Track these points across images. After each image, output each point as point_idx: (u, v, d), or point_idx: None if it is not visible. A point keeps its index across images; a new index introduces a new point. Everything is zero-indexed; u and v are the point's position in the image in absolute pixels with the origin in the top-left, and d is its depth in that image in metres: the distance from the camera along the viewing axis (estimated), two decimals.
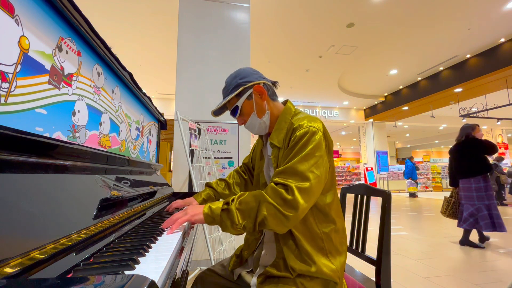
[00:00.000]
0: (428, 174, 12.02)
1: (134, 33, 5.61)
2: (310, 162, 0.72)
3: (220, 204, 0.72)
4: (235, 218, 0.69)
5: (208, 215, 0.72)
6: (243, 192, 0.74)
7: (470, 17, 5.35)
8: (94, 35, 0.86)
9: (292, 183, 0.69)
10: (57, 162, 0.60)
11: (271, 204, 0.68)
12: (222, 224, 0.71)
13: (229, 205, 0.71)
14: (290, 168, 0.72)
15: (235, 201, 0.72)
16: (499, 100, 8.26)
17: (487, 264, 2.43)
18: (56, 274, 0.40)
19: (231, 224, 0.69)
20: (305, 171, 0.70)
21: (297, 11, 5.03)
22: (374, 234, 1.34)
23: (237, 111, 0.87)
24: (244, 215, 0.69)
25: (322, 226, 0.77)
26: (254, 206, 0.70)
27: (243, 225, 0.69)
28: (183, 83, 2.56)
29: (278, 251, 0.78)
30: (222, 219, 0.70)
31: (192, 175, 1.99)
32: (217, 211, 0.71)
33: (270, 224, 0.68)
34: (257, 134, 0.92)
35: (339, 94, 9.85)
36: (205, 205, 0.74)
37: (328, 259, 0.76)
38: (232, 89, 0.85)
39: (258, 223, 0.69)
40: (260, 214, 0.68)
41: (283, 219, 0.68)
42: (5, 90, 0.55)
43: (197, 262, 2.34)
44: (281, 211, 0.68)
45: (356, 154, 23.29)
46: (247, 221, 0.69)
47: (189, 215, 0.73)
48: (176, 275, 0.49)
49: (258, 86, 0.85)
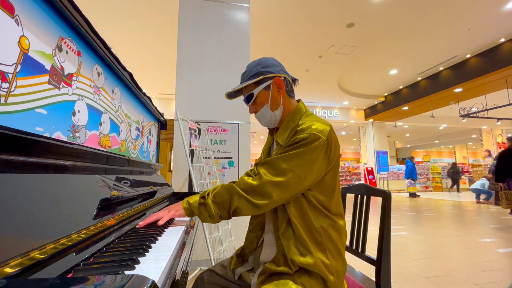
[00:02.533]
0: (428, 174, 12.03)
1: (134, 33, 5.61)
2: (294, 162, 0.74)
3: (197, 198, 0.81)
4: (211, 210, 0.77)
5: (187, 209, 0.80)
6: (217, 186, 0.82)
7: (470, 17, 5.35)
8: (94, 35, 0.86)
9: (266, 176, 0.75)
10: (57, 162, 0.60)
11: (241, 196, 0.75)
12: (201, 216, 0.79)
13: (205, 199, 0.79)
14: (273, 161, 0.77)
15: (210, 195, 0.80)
16: (499, 100, 8.27)
17: (487, 264, 2.43)
18: (56, 274, 0.40)
19: (208, 215, 0.78)
20: (285, 169, 0.74)
21: (297, 11, 5.03)
22: (374, 234, 1.34)
23: (251, 99, 0.86)
24: (219, 206, 0.78)
25: (320, 220, 0.78)
26: (226, 198, 0.77)
27: (219, 215, 0.78)
28: (183, 83, 2.56)
29: (278, 246, 0.79)
30: (200, 211, 0.79)
31: (192, 175, 1.99)
32: (195, 204, 0.80)
33: (243, 211, 0.76)
34: (266, 126, 0.92)
35: (339, 94, 9.85)
36: (183, 201, 0.82)
37: (326, 255, 0.76)
38: (252, 76, 0.84)
39: (231, 212, 0.77)
40: (233, 205, 0.76)
41: (253, 207, 0.75)
42: (5, 90, 0.55)
43: (197, 262, 2.34)
44: (249, 199, 0.74)
45: (356, 154, 23.29)
46: (221, 211, 0.78)
47: (172, 211, 0.81)
48: (176, 275, 0.49)
49: (278, 79, 0.85)
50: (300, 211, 0.77)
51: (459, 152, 21.68)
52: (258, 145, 19.77)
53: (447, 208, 6.47)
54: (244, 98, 0.89)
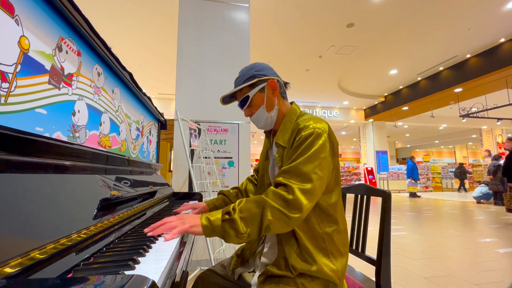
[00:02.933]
0: (428, 174, 12.02)
1: (134, 33, 5.61)
2: (314, 163, 0.72)
3: (219, 215, 0.69)
4: (239, 227, 0.67)
5: (207, 227, 0.68)
6: (241, 200, 0.72)
7: (470, 17, 5.35)
8: (94, 35, 0.86)
9: (294, 184, 0.70)
10: (57, 162, 0.60)
11: (275, 208, 0.68)
12: (226, 235, 0.68)
13: (231, 215, 0.68)
14: (294, 168, 0.72)
15: (236, 210, 0.69)
16: (499, 100, 8.27)
17: (487, 264, 2.43)
18: (56, 274, 0.40)
19: (235, 234, 0.67)
20: (308, 172, 0.71)
21: (297, 12, 5.03)
22: (374, 234, 1.34)
23: (247, 102, 0.87)
24: (247, 222, 0.68)
25: (324, 226, 0.78)
26: (257, 212, 0.68)
27: (248, 233, 0.68)
28: (183, 83, 2.56)
29: (279, 250, 0.78)
30: (225, 229, 0.68)
31: (192, 175, 1.99)
32: (217, 222, 0.68)
33: (275, 228, 0.68)
34: (262, 128, 0.92)
35: (339, 94, 9.85)
36: (201, 216, 0.70)
37: (329, 260, 0.76)
38: (247, 79, 0.85)
39: (263, 229, 0.68)
40: (265, 219, 0.67)
41: (287, 221, 0.68)
42: (5, 90, 0.55)
43: (197, 262, 2.34)
44: (285, 213, 0.67)
45: (356, 154, 23.29)
46: (251, 228, 0.68)
47: (187, 226, 0.68)
48: (176, 275, 0.49)
49: (272, 81, 0.86)
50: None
51: (459, 152, 21.68)
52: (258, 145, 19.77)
53: (447, 208, 6.47)
54: (238, 102, 0.90)
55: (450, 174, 12.53)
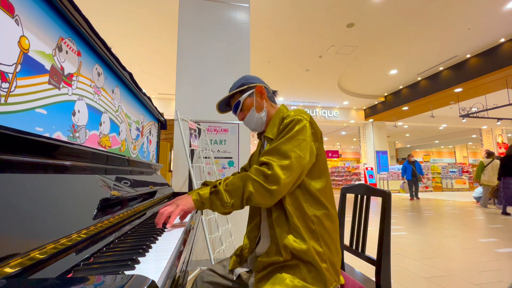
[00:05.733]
0: (428, 174, 12.02)
1: (134, 33, 5.61)
2: (293, 143, 0.79)
3: (207, 190, 0.80)
4: (224, 197, 0.77)
5: (198, 200, 0.79)
6: (228, 176, 0.82)
7: (470, 17, 5.35)
8: (94, 35, 0.86)
9: (274, 161, 0.77)
10: (57, 162, 0.60)
11: (255, 181, 0.76)
12: (213, 205, 0.78)
13: (217, 187, 0.79)
14: (275, 148, 0.81)
15: (222, 183, 0.79)
16: (499, 100, 8.27)
17: (487, 264, 2.43)
18: (56, 274, 0.40)
19: (221, 204, 0.77)
20: (287, 151, 0.78)
21: (297, 11, 5.03)
22: (374, 234, 1.34)
23: (239, 106, 0.97)
24: (231, 194, 0.77)
25: (313, 209, 0.81)
26: (240, 185, 0.77)
27: (232, 203, 0.77)
28: (183, 83, 2.56)
29: (271, 235, 0.82)
30: (212, 200, 0.78)
31: (192, 175, 1.99)
32: (206, 195, 0.79)
33: (256, 199, 0.76)
34: (254, 130, 1.00)
35: (339, 94, 9.85)
36: (192, 192, 0.81)
37: (319, 243, 0.78)
38: (237, 87, 0.98)
39: (245, 199, 0.77)
40: (246, 191, 0.76)
41: (266, 193, 0.75)
42: (5, 90, 0.55)
43: (197, 262, 2.34)
44: (264, 186, 0.75)
45: (356, 154, 23.29)
46: (234, 199, 0.77)
47: (181, 206, 0.78)
48: (176, 275, 0.49)
49: (260, 87, 0.98)
50: (294, 199, 0.81)
51: (459, 152, 21.68)
52: None
53: (447, 208, 6.47)
54: (232, 109, 1.00)
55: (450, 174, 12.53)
